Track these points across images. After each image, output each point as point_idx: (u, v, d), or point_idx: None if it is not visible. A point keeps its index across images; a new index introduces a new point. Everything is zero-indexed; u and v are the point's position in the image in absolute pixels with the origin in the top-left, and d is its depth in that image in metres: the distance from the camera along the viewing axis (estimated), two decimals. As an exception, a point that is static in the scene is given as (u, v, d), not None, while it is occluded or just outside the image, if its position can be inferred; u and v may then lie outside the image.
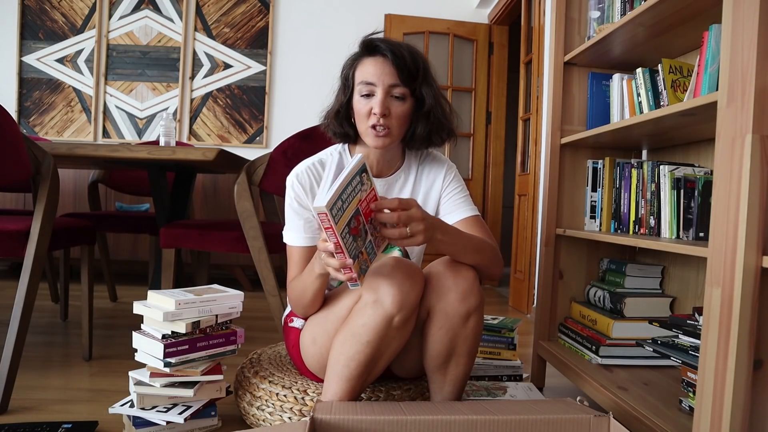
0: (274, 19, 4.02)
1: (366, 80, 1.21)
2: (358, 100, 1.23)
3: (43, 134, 3.92)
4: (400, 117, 1.22)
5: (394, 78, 1.20)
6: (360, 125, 1.24)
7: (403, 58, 1.21)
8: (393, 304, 1.06)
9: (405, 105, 1.23)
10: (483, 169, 4.08)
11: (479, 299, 1.14)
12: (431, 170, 1.37)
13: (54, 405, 1.46)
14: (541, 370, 1.79)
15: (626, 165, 1.56)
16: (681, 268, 1.61)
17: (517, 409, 1.03)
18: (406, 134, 1.28)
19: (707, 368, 0.95)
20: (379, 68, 1.21)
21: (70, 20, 3.93)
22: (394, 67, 1.21)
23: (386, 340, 1.09)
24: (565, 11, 1.74)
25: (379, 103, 1.19)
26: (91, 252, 1.90)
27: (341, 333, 1.12)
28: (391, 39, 1.26)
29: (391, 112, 1.21)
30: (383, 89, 1.20)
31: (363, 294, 1.10)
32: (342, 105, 1.27)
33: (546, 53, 2.96)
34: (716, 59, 1.14)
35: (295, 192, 1.27)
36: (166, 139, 2.09)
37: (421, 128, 1.27)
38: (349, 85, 1.27)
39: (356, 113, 1.24)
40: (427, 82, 1.26)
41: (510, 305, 3.34)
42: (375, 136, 1.21)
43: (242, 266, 3.44)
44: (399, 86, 1.21)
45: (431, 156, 1.39)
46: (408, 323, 1.10)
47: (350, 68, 1.27)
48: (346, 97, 1.27)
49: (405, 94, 1.22)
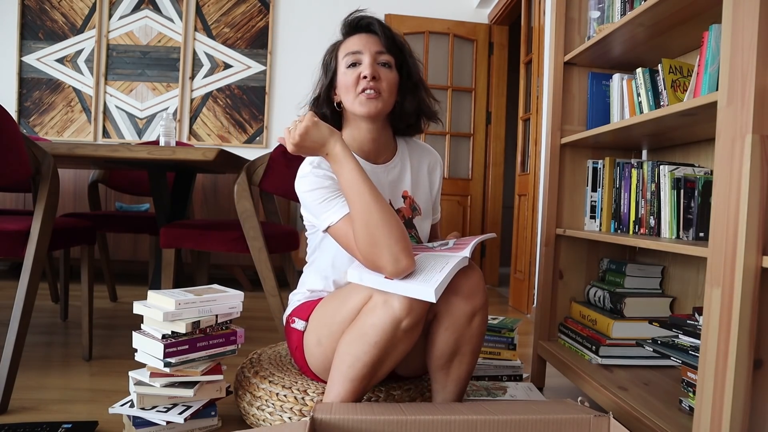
0: (274, 19, 4.02)
1: (351, 50, 1.22)
2: (344, 72, 1.23)
3: (43, 134, 3.92)
4: (389, 82, 1.23)
5: (379, 46, 1.22)
6: (348, 97, 1.23)
7: (388, 29, 1.24)
8: (402, 308, 1.05)
9: (392, 73, 1.24)
10: (483, 169, 4.08)
11: (484, 299, 1.14)
12: (422, 157, 1.38)
13: (54, 405, 1.46)
14: (541, 370, 1.79)
15: (626, 165, 1.56)
16: (681, 268, 1.61)
17: (517, 409, 1.03)
18: (394, 109, 1.28)
19: (707, 368, 0.95)
20: (364, 39, 1.23)
21: (70, 20, 3.93)
22: (378, 37, 1.23)
23: (393, 342, 1.08)
24: (565, 11, 1.74)
25: (368, 65, 1.20)
26: (91, 252, 1.90)
27: (348, 333, 1.11)
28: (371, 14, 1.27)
29: (380, 76, 1.21)
30: (370, 55, 1.21)
31: (374, 295, 1.09)
32: (323, 88, 1.28)
33: (546, 53, 2.96)
34: (716, 59, 1.14)
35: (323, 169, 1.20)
36: (166, 139, 2.09)
37: (409, 102, 1.28)
38: (331, 67, 1.27)
39: (343, 87, 1.24)
40: (411, 56, 1.28)
41: (510, 305, 3.35)
42: (366, 98, 1.20)
43: (242, 266, 3.44)
44: (385, 53, 1.22)
45: (419, 144, 1.41)
46: (416, 328, 1.09)
47: (332, 53, 1.28)
48: (327, 79, 1.27)
49: (391, 62, 1.23)
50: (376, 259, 1.07)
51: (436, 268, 1.06)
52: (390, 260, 1.05)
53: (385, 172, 1.31)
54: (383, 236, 1.06)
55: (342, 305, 1.17)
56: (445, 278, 1.02)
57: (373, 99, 1.20)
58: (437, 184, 1.41)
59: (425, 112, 1.33)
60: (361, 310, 1.12)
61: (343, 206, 1.15)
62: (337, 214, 1.15)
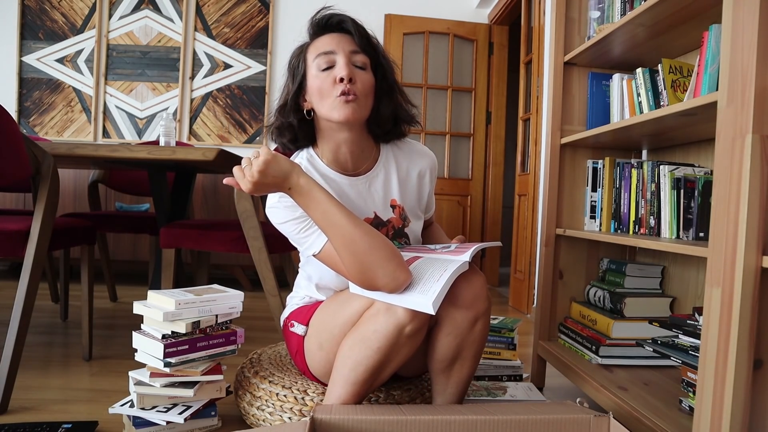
0: (274, 19, 4.02)
1: (323, 50, 1.12)
2: (315, 75, 1.12)
3: (43, 134, 3.92)
4: (365, 84, 1.13)
5: (353, 45, 1.13)
6: (323, 103, 1.13)
7: (360, 26, 1.15)
8: (406, 313, 1.03)
9: (368, 75, 1.14)
10: (483, 169, 4.08)
11: (487, 304, 1.12)
12: (412, 161, 1.28)
13: (54, 405, 1.46)
14: (541, 370, 1.79)
15: (626, 165, 1.56)
16: (681, 268, 1.61)
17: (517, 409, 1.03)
18: (370, 114, 1.18)
19: (707, 368, 0.95)
20: (336, 38, 1.14)
21: (70, 20, 3.93)
22: (352, 35, 1.14)
23: (396, 347, 1.07)
24: (565, 11, 1.74)
25: (343, 65, 1.10)
26: (91, 252, 1.90)
27: (350, 337, 1.10)
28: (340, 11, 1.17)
29: (356, 79, 1.11)
30: (345, 54, 1.11)
31: (377, 300, 1.07)
32: (290, 95, 1.17)
33: (546, 53, 2.96)
34: (716, 59, 1.14)
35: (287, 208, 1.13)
36: (166, 139, 2.09)
37: (385, 106, 1.19)
38: (299, 71, 1.16)
39: (316, 93, 1.13)
40: (385, 57, 1.19)
41: (510, 305, 3.35)
42: (345, 102, 1.10)
43: (242, 266, 3.44)
44: (359, 53, 1.13)
45: (409, 144, 1.31)
46: (419, 333, 1.08)
47: (299, 56, 1.18)
48: (295, 85, 1.16)
49: (366, 63, 1.14)
50: (372, 283, 1.05)
51: (435, 276, 1.03)
52: (386, 280, 1.03)
53: (365, 182, 1.23)
54: (373, 261, 1.03)
55: (343, 309, 1.15)
56: (443, 288, 1.00)
57: (351, 102, 1.10)
58: (428, 188, 1.32)
59: (402, 117, 1.24)
60: (363, 315, 1.10)
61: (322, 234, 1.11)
62: (318, 243, 1.12)
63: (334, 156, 1.22)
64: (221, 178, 3.51)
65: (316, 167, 1.21)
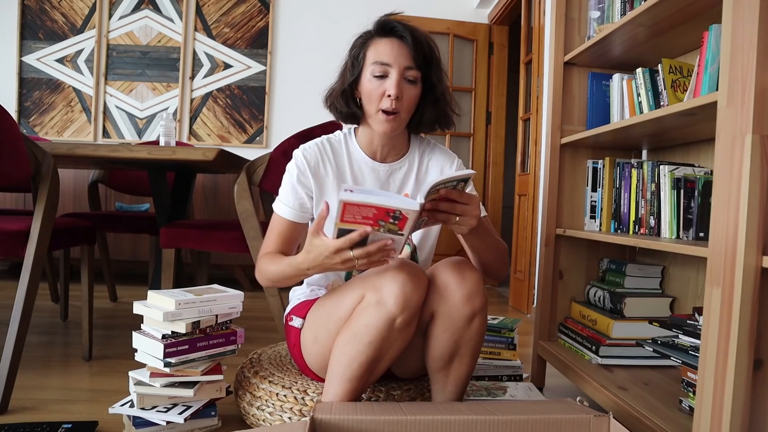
0: (274, 19, 4.02)
1: (381, 60, 1.19)
2: (369, 80, 1.20)
3: (43, 134, 3.92)
4: (410, 100, 1.21)
5: (409, 60, 1.19)
6: (369, 107, 1.22)
7: (420, 42, 1.20)
8: (396, 305, 1.05)
9: (416, 89, 1.22)
10: (483, 169, 4.08)
11: (483, 300, 1.13)
12: (437, 162, 1.36)
13: (54, 405, 1.46)
14: (541, 370, 1.79)
15: (626, 165, 1.56)
16: (681, 268, 1.61)
17: (517, 409, 1.03)
18: (412, 119, 1.27)
19: (707, 368, 0.95)
20: (396, 49, 1.19)
21: (70, 20, 3.93)
22: (410, 49, 1.19)
23: (388, 341, 1.08)
24: (565, 11, 1.74)
25: (394, 85, 1.17)
26: (91, 252, 1.90)
27: (343, 333, 1.11)
28: (406, 22, 1.23)
29: (402, 95, 1.19)
30: (398, 71, 1.18)
31: (366, 294, 1.09)
32: (349, 84, 1.25)
33: (546, 53, 2.96)
34: (716, 59, 1.14)
35: (299, 168, 1.27)
36: (166, 139, 2.09)
37: (429, 114, 1.27)
38: (358, 64, 1.23)
39: (366, 94, 1.22)
40: (439, 68, 1.25)
41: (510, 305, 3.35)
42: (385, 120, 1.20)
43: (242, 266, 3.44)
44: (413, 69, 1.19)
45: (438, 148, 1.39)
46: (410, 324, 1.10)
47: (361, 47, 1.24)
48: (353, 76, 1.24)
49: (417, 78, 1.21)
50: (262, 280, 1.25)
51: None
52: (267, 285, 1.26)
53: (387, 171, 1.32)
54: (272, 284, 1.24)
55: (337, 303, 1.17)
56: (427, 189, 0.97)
57: (390, 120, 1.20)
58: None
59: (441, 122, 1.32)
60: (354, 309, 1.11)
61: (288, 211, 1.27)
62: (281, 211, 1.28)
63: (368, 142, 1.31)
64: (221, 178, 3.51)
65: (348, 145, 1.32)
